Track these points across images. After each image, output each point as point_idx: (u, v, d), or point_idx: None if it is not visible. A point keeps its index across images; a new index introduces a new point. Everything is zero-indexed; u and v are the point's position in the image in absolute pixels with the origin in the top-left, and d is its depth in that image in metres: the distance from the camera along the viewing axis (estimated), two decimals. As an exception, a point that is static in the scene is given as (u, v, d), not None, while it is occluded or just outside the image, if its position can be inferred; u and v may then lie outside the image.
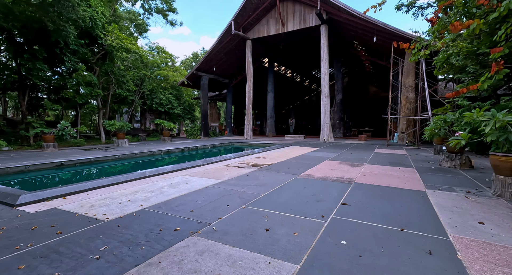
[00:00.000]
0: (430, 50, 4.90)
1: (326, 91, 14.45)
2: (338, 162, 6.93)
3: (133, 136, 17.68)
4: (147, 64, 14.20)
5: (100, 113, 14.18)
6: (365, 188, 4.15)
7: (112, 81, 13.85)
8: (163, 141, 15.53)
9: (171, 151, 9.82)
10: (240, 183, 4.46)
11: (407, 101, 12.33)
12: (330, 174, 5.27)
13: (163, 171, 5.11)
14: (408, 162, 7.02)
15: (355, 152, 9.59)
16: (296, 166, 6.32)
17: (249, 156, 8.11)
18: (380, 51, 15.46)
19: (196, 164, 6.11)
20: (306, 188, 4.14)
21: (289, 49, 21.71)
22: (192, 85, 20.09)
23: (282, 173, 5.43)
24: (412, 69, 12.12)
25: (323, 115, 14.64)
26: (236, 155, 7.83)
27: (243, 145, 13.39)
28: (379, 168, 6.00)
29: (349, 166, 6.36)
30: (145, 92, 16.46)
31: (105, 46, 12.62)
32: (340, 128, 17.86)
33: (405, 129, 12.41)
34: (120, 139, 12.53)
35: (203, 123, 19.01)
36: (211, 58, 17.77)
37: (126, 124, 12.71)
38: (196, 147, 11.12)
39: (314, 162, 6.99)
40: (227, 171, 5.62)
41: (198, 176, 5.04)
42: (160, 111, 20.90)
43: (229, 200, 3.41)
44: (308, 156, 8.30)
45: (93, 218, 2.68)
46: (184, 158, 9.29)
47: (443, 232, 2.43)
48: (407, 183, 4.51)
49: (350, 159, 7.52)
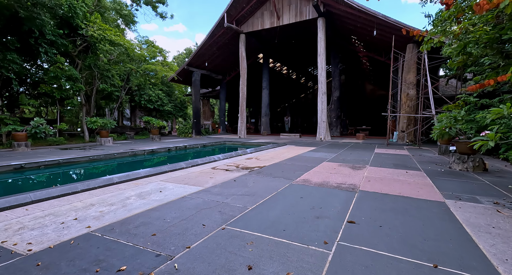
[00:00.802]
0: (447, 36, 4.25)
1: (323, 87, 13.79)
2: (338, 164, 6.28)
3: (120, 134, 16.79)
4: (134, 58, 13.32)
5: (83, 110, 13.27)
6: (372, 197, 3.49)
7: (96, 75, 12.95)
8: (151, 139, 14.71)
9: (156, 151, 9.05)
10: (225, 191, 3.76)
11: (408, 98, 11.76)
12: (330, 179, 4.60)
13: (136, 176, 4.37)
14: (414, 164, 6.41)
15: (354, 152, 8.97)
16: (291, 168, 5.64)
17: (240, 157, 7.41)
18: (379, 46, 14.85)
19: (178, 166, 5.38)
20: (303, 198, 3.46)
21: (285, 45, 20.99)
22: (183, 81, 19.22)
23: (275, 177, 4.74)
24: (414, 65, 11.54)
25: (319, 113, 14.00)
26: (225, 156, 7.12)
27: (235, 144, 12.67)
28: (383, 171, 5.36)
29: (350, 168, 5.71)
30: (132, 88, 15.54)
31: (87, 38, 11.71)
32: (337, 126, 17.27)
33: (406, 128, 11.86)
34: (104, 137, 11.69)
35: (195, 121, 18.21)
36: (203, 53, 16.94)
37: (110, 121, 11.85)
38: (185, 146, 10.36)
39: (311, 163, 6.32)
40: (213, 175, 4.91)
41: (177, 181, 4.31)
42: (151, 109, 20.00)
43: (207, 217, 2.71)
44: (304, 156, 7.63)
45: (8, 250, 1.94)
46: (168, 159, 8.54)
47: (492, 270, 1.76)
48: (420, 190, 3.86)
49: (350, 160, 6.88)
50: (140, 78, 14.76)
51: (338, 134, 17.27)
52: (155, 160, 8.12)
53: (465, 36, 4.28)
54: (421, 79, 11.08)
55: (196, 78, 18.00)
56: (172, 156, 8.97)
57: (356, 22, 13.39)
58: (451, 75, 11.23)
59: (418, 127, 11.10)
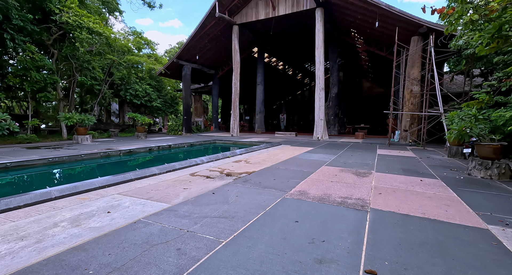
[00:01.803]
0: (480, 13, 3.40)
1: (321, 83, 12.92)
2: (339, 169, 5.43)
3: (104, 131, 15.71)
4: (116, 48, 12.20)
5: (60, 105, 12.16)
6: (391, 221, 2.63)
7: (75, 67, 11.83)
8: (136, 137, 13.69)
9: (135, 151, 8.08)
10: (197, 210, 2.86)
11: (412, 95, 10.96)
12: (332, 190, 3.74)
13: (88, 188, 3.44)
14: (425, 169, 5.60)
15: (355, 153, 8.15)
16: (285, 175, 4.76)
17: (228, 159, 6.51)
18: (381, 40, 14.02)
19: (148, 173, 4.45)
20: (299, 222, 2.59)
21: (281, 39, 20.03)
22: (172, 76, 18.14)
23: (265, 188, 3.86)
24: (418, 59, 10.72)
25: (317, 110, 13.15)
26: (210, 158, 6.21)
27: (226, 143, 11.75)
28: (394, 179, 4.52)
29: (353, 175, 4.86)
30: (115, 82, 14.39)
31: (63, 25, 10.58)
32: (334, 125, 16.46)
33: (409, 127, 11.08)
34: (81, 135, 10.64)
35: (185, 118, 17.20)
36: (194, 45, 15.88)
37: (88, 118, 10.79)
38: (169, 145, 9.40)
39: (308, 168, 5.46)
40: (188, 184, 4.00)
41: (139, 195, 3.40)
42: (140, 104, 18.87)
43: (156, 262, 1.81)
44: (300, 159, 6.77)
45: None
46: (145, 162, 7.58)
47: None
48: (448, 209, 3.02)
49: (353, 164, 6.04)
50: (123, 71, 13.63)
51: (336, 133, 16.47)
52: (130, 162, 7.16)
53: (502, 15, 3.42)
54: (426, 75, 10.28)
55: (186, 73, 16.94)
56: (152, 157, 8.01)
57: (356, 13, 12.51)
58: (457, 71, 10.45)
59: (422, 126, 10.32)
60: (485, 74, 11.32)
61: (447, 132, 5.26)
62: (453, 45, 8.93)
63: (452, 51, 9.93)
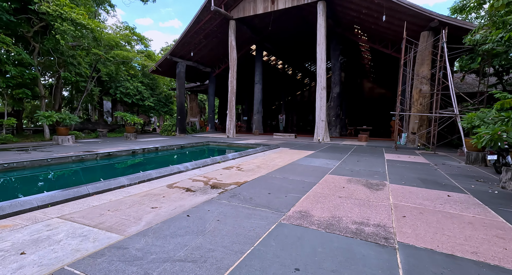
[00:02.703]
0: None
1: (322, 82, 12.12)
2: (346, 179, 4.61)
3: (92, 131, 14.84)
4: (102, 42, 11.33)
5: (42, 103, 11.28)
6: (432, 268, 1.81)
7: (58, 63, 10.97)
8: (125, 138, 12.84)
9: (115, 155, 7.22)
10: (156, 247, 2.03)
11: (421, 95, 10.16)
12: (342, 211, 2.91)
13: (18, 208, 2.60)
14: (446, 179, 4.78)
15: (361, 158, 7.33)
16: (283, 187, 3.94)
17: (217, 165, 5.67)
18: (386, 37, 13.24)
19: (114, 184, 3.61)
20: (300, 270, 1.76)
21: (280, 36, 19.23)
22: (166, 73, 17.30)
23: (256, 206, 3.03)
24: (428, 56, 9.93)
25: (318, 110, 12.34)
26: (197, 164, 5.37)
27: (220, 145, 10.91)
28: (414, 193, 3.70)
29: (364, 187, 4.04)
30: (102, 78, 13.47)
31: (44, 16, 9.72)
32: (336, 126, 15.65)
33: (417, 130, 10.27)
34: (62, 135, 9.78)
35: (179, 118, 16.35)
36: (188, 41, 15.04)
37: (70, 116, 9.93)
38: (156, 148, 8.55)
39: (310, 177, 4.63)
40: (159, 202, 3.17)
41: (87, 219, 2.56)
42: (132, 103, 17.99)
43: None
44: (300, 165, 5.94)
45: None
46: (122, 168, 6.73)
47: None
48: (507, 244, 2.20)
49: (361, 172, 5.22)
50: (110, 67, 12.74)
51: (337, 135, 15.66)
52: (104, 168, 6.29)
53: None
54: (436, 73, 9.49)
55: (180, 70, 16.10)
56: (133, 162, 7.13)
57: (360, 7, 11.72)
58: (471, 69, 9.66)
59: (431, 129, 9.52)
60: (499, 73, 10.54)
61: (475, 137, 4.45)
62: (468, 40, 8.14)
63: (465, 47, 9.15)
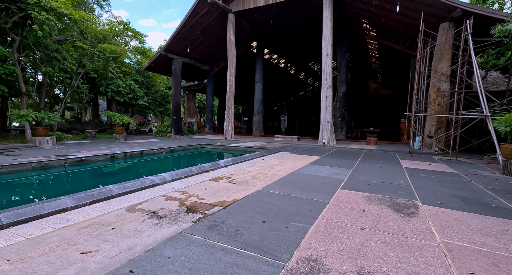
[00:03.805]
0: None
1: (328, 79, 11.09)
2: (364, 197, 3.58)
3: (80, 132, 13.94)
4: (88, 35, 10.41)
5: (23, 100, 10.38)
6: None
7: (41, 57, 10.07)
8: (114, 139, 11.90)
9: (89, 160, 6.24)
10: None
11: (439, 94, 9.09)
12: (371, 260, 1.88)
13: None
14: (492, 197, 3.74)
15: (374, 165, 6.30)
16: (283, 209, 2.92)
17: (204, 175, 4.67)
18: (397, 31, 12.19)
19: (48, 209, 2.62)
20: None
21: (282, 33, 18.25)
22: (161, 71, 16.37)
23: (242, 249, 2.01)
24: (448, 50, 8.86)
25: (323, 111, 11.31)
26: (178, 175, 4.37)
27: (215, 149, 9.91)
28: (464, 223, 2.66)
29: (392, 211, 3.01)
30: (91, 75, 12.51)
31: (23, 5, 8.83)
32: (342, 128, 14.59)
33: (434, 133, 9.19)
34: (40, 137, 8.86)
35: (174, 118, 15.41)
36: (184, 36, 14.11)
37: (49, 116, 9.00)
38: (141, 152, 7.56)
39: (317, 193, 3.61)
40: (101, 240, 2.17)
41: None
42: (127, 102, 17.06)
43: None
44: (305, 175, 4.92)
45: None
46: (91, 177, 5.75)
47: None
48: None
49: (380, 185, 4.18)
50: (97, 62, 11.80)
51: (343, 137, 14.60)
52: (67, 178, 5.32)
53: None
54: (458, 69, 8.42)
55: (176, 67, 15.16)
56: (107, 169, 6.14)
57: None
58: (498, 65, 8.58)
59: (452, 132, 8.44)
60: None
61: None
62: (498, 31, 7.09)
63: (491, 40, 8.08)
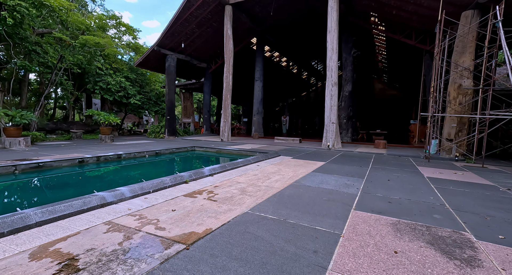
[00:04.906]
0: None
1: (333, 76, 10.07)
2: (390, 224, 2.53)
3: (66, 132, 13.03)
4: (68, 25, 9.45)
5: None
6: None
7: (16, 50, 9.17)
8: (100, 140, 10.96)
9: (49, 166, 5.26)
10: None
11: (460, 92, 8.02)
12: None
13: None
14: None
15: (389, 173, 5.26)
16: (274, 251, 1.88)
17: (180, 189, 3.66)
18: (409, 24, 11.14)
19: None
20: None
21: (284, 28, 17.27)
22: (154, 68, 15.45)
23: None
24: (471, 42, 7.79)
25: (327, 111, 10.28)
26: (143, 188, 3.37)
27: (207, 152, 8.91)
28: None
29: (437, 252, 1.96)
30: (74, 70, 11.53)
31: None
32: (347, 130, 13.53)
33: (455, 136, 8.11)
34: (11, 137, 7.94)
35: (168, 118, 14.46)
36: (178, 30, 13.17)
37: (22, 114, 8.08)
38: (119, 155, 6.58)
39: (324, 219, 2.56)
40: None
41: None
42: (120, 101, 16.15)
43: None
44: (308, 188, 3.88)
45: None
46: (33, 191, 4.77)
47: None
48: None
49: (405, 204, 3.12)
50: (79, 56, 10.85)
51: (349, 139, 13.53)
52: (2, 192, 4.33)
53: None
54: (484, 63, 7.35)
55: (170, 64, 14.22)
56: (68, 180, 5.11)
57: (382, -14, 9.67)
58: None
59: (476, 134, 7.36)
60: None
61: None
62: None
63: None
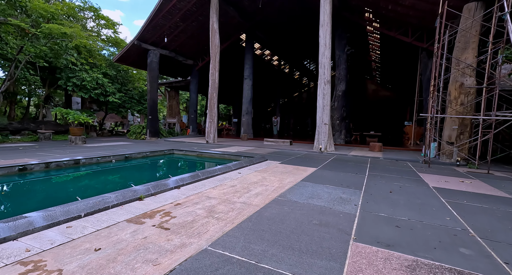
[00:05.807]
0: None
1: (326, 74, 9.35)
2: (405, 266, 1.73)
3: (34, 133, 11.86)
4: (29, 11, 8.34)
5: None
6: None
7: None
8: (70, 142, 9.89)
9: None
10: None
11: (462, 91, 7.40)
12: None
13: None
14: None
15: (390, 183, 4.51)
16: None
17: (126, 209, 2.78)
18: (405, 20, 10.56)
19: None
20: None
21: (275, 25, 16.52)
22: (136, 64, 14.42)
23: None
24: (475, 37, 7.19)
25: (319, 111, 9.55)
26: (69, 212, 2.48)
27: (187, 156, 8.01)
28: None
29: None
30: (40, 64, 10.32)
31: None
32: (341, 131, 12.86)
33: (456, 139, 7.49)
34: (-44, 139, 6.82)
35: (150, 118, 13.46)
36: (161, 23, 12.22)
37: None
38: (76, 161, 5.62)
39: (314, 261, 1.77)
40: None
41: None
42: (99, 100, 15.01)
43: None
44: (294, 204, 3.05)
45: None
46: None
47: None
48: None
49: (417, 230, 2.33)
50: (42, 47, 9.71)
51: (342, 141, 12.86)
52: None
53: None
54: (488, 60, 6.76)
55: (152, 60, 13.23)
56: None
57: (378, -23, 9.02)
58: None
59: (479, 137, 6.75)
60: None
61: None
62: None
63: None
